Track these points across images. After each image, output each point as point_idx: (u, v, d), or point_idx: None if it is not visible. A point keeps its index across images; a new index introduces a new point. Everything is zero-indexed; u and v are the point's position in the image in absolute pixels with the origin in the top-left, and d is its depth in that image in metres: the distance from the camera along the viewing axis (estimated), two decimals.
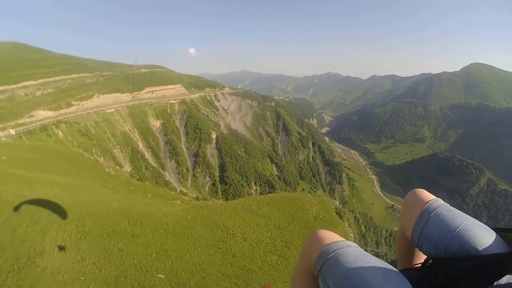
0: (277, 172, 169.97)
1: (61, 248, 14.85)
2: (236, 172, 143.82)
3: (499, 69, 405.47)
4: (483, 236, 1.80)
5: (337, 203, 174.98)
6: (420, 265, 2.13)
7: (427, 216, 2.02)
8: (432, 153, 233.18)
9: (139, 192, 43.31)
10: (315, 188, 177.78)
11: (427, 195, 2.21)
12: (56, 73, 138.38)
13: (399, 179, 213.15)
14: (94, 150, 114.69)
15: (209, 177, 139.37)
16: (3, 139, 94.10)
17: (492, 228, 1.91)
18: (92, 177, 38.66)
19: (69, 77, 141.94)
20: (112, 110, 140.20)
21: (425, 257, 2.12)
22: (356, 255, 1.75)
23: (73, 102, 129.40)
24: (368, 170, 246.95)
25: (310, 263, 1.96)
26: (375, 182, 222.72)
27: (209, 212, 29.05)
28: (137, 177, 57.69)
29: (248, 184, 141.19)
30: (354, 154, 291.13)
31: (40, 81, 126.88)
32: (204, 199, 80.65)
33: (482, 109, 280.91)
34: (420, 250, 2.08)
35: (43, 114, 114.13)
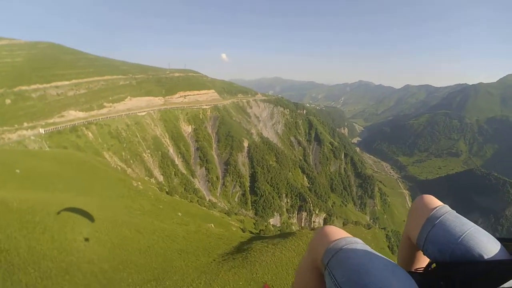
0: (308, 183, 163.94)
1: None
2: (267, 183, 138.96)
3: None
4: (487, 244, 1.85)
5: (368, 218, 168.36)
6: (423, 269, 2.22)
7: (434, 220, 2.08)
8: (468, 169, 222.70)
9: (169, 210, 39.35)
10: (346, 201, 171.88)
11: (435, 201, 2.27)
12: (89, 74, 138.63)
13: (432, 194, 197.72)
14: (123, 154, 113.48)
15: (239, 186, 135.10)
16: (32, 137, 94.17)
17: (496, 238, 1.97)
18: (118, 194, 34.73)
19: (102, 78, 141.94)
20: (143, 113, 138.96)
21: (426, 262, 2.22)
22: (364, 251, 1.80)
23: (105, 104, 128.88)
24: (400, 184, 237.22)
25: (317, 257, 2.01)
26: (407, 197, 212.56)
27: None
28: (167, 190, 53.82)
29: (279, 196, 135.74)
30: (386, 167, 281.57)
31: (73, 81, 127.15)
32: (235, 213, 76.00)
33: None
34: (424, 254, 2.13)
35: (74, 115, 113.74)
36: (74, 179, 33.49)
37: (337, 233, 2.01)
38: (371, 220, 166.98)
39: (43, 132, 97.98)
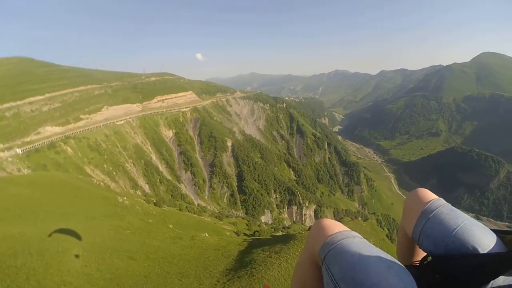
0: (295, 176, 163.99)
1: None
2: (255, 180, 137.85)
3: (511, 57, 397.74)
4: (482, 236, 1.87)
5: (357, 204, 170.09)
6: (419, 262, 2.25)
7: (428, 214, 2.09)
8: (449, 148, 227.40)
9: (159, 224, 37.82)
10: (333, 190, 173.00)
11: (429, 194, 2.27)
12: (63, 86, 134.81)
13: (417, 175, 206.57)
14: (105, 166, 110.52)
15: (227, 187, 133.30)
16: (9, 159, 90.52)
17: (491, 230, 1.99)
18: (104, 214, 32.95)
19: (77, 89, 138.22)
20: (122, 122, 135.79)
21: (424, 255, 2.23)
22: (360, 245, 1.79)
23: (81, 116, 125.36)
24: (385, 168, 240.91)
25: (314, 252, 2.01)
26: (393, 180, 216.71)
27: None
28: (154, 201, 52.08)
29: (268, 193, 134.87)
30: (369, 152, 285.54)
31: (47, 95, 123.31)
32: (226, 216, 74.76)
33: (496, 99, 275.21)
34: (420, 248, 2.16)
35: (50, 130, 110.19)
36: (56, 204, 31.51)
37: (334, 226, 2.00)
38: (360, 206, 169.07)
39: (20, 152, 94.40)
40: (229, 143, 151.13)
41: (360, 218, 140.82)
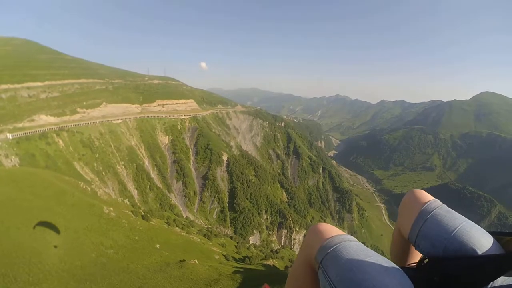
0: (287, 198, 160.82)
1: None
2: (247, 199, 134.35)
3: (510, 98, 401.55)
4: (480, 238, 1.89)
5: (346, 232, 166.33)
6: (415, 264, 2.24)
7: (426, 215, 2.11)
8: (442, 183, 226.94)
9: (145, 242, 34.92)
10: (324, 216, 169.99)
11: (426, 195, 2.32)
12: (64, 76, 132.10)
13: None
14: (95, 165, 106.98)
15: (218, 202, 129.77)
16: None
17: (488, 232, 2.03)
18: (87, 227, 29.85)
19: (77, 81, 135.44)
20: (119, 121, 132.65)
21: (419, 257, 2.26)
22: (357, 249, 1.80)
23: (78, 109, 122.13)
24: (376, 198, 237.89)
25: (311, 255, 2.01)
26: (383, 211, 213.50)
27: None
28: (142, 213, 48.84)
29: (258, 213, 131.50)
30: (362, 180, 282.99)
31: (46, 83, 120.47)
32: (215, 235, 71.59)
33: (493, 139, 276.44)
34: (417, 249, 2.15)
35: (45, 119, 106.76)
36: (36, 209, 28.33)
37: (331, 230, 2.01)
38: (350, 235, 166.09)
39: (10, 138, 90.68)
40: (224, 157, 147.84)
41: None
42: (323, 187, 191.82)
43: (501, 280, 1.64)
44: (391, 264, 1.70)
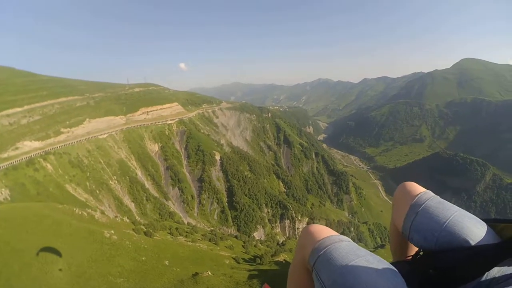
0: (285, 188, 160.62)
1: None
2: (246, 195, 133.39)
3: (491, 62, 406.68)
4: (473, 228, 1.89)
5: (346, 214, 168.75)
6: (411, 257, 2.24)
7: (417, 208, 2.11)
8: (434, 153, 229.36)
9: (154, 261, 33.65)
10: (323, 201, 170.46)
11: (417, 188, 2.31)
12: (43, 97, 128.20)
13: (403, 181, 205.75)
14: (88, 184, 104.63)
15: (217, 203, 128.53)
16: None
17: (482, 219, 2.02)
18: (90, 257, 28.33)
19: (57, 101, 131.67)
20: (105, 135, 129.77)
21: (416, 249, 2.23)
22: (349, 250, 1.80)
23: (62, 130, 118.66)
24: (371, 175, 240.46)
25: (304, 258, 2.01)
26: (380, 187, 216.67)
27: None
28: (144, 229, 47.51)
29: (259, 208, 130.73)
30: (354, 160, 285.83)
31: (26, 107, 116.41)
32: (220, 238, 70.63)
33: (478, 104, 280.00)
34: (411, 242, 2.19)
35: (29, 145, 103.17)
36: (33, 249, 26.73)
37: (321, 232, 2.01)
38: (350, 215, 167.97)
39: None
40: (217, 157, 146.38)
41: (352, 229, 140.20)
42: (318, 172, 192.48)
43: (497, 270, 1.66)
44: (382, 262, 1.71)
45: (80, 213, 41.40)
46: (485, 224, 1.94)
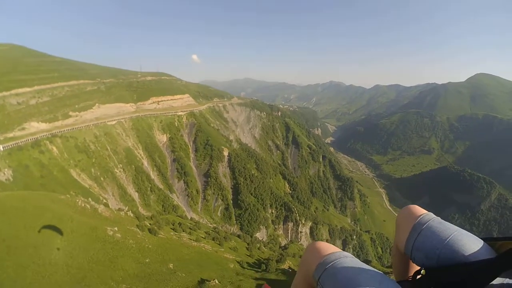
0: (290, 189, 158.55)
1: None
2: (251, 194, 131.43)
3: (505, 79, 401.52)
4: (472, 245, 2.00)
5: (349, 220, 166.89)
6: (412, 276, 2.39)
7: (419, 228, 2.23)
8: (441, 166, 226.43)
9: (158, 264, 31.96)
10: (327, 205, 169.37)
11: (419, 210, 2.44)
12: (53, 79, 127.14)
13: (408, 192, 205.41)
14: (93, 170, 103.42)
15: (222, 200, 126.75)
16: None
17: (481, 238, 2.14)
18: (92, 258, 26.43)
19: (68, 84, 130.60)
20: (114, 122, 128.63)
21: (418, 269, 2.35)
22: (352, 264, 1.93)
23: (70, 113, 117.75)
24: (376, 183, 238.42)
25: (309, 273, 2.14)
26: (384, 196, 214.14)
27: None
28: (148, 226, 45.76)
29: (264, 208, 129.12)
30: (361, 166, 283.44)
31: (36, 88, 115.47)
32: (224, 238, 68.85)
33: (489, 120, 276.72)
34: (413, 262, 2.29)
35: (36, 127, 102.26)
36: (30, 247, 24.71)
37: (327, 248, 2.14)
38: (353, 222, 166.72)
39: (2, 149, 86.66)
40: (225, 153, 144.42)
41: (354, 237, 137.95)
42: (324, 175, 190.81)
43: (496, 281, 1.71)
44: (384, 277, 1.81)
45: (83, 205, 39.59)
46: (482, 241, 2.07)
